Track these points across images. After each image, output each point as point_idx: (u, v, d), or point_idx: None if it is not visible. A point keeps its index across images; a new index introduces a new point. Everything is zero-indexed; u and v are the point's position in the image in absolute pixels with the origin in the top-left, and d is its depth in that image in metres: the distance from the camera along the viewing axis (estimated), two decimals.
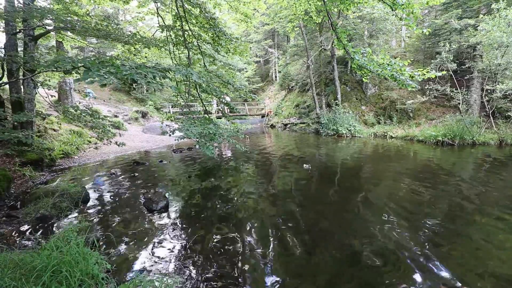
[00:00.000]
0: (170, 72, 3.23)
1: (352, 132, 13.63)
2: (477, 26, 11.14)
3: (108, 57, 3.58)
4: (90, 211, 4.20)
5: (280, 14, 16.20)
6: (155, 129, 13.90)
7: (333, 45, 14.88)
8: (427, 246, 3.07)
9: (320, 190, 5.41)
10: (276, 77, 29.11)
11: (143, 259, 2.86)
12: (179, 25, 6.72)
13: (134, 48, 7.89)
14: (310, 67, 16.88)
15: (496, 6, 10.24)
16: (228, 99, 19.33)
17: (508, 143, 9.83)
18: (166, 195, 4.69)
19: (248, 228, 3.58)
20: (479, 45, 11.26)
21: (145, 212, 4.08)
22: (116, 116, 14.72)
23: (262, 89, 30.13)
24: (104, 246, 3.07)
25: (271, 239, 3.27)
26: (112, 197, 4.84)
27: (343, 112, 14.70)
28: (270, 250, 3.03)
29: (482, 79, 11.84)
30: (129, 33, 7.50)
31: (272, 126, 20.69)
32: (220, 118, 15.39)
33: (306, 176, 6.30)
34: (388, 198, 4.74)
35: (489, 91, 10.95)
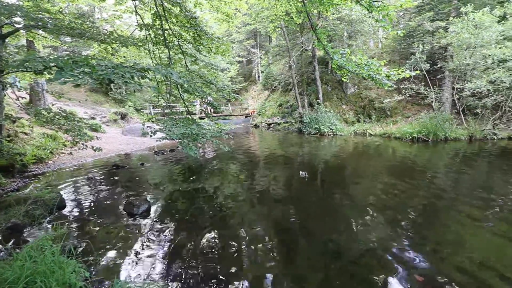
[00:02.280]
0: (149, 72, 3.15)
1: (334, 130, 13.96)
2: (448, 28, 11.78)
3: (83, 57, 3.43)
4: (66, 218, 4.00)
5: (261, 14, 16.27)
6: (136, 131, 13.51)
7: (314, 46, 15.15)
8: (405, 238, 3.22)
9: (304, 188, 5.49)
10: (259, 77, 29.20)
11: (124, 266, 2.77)
12: (158, 24, 6.57)
13: (111, 47, 7.63)
14: (292, 67, 17.09)
15: (465, 9, 10.88)
16: (211, 99, 19.18)
17: (477, 138, 10.48)
18: (148, 198, 4.56)
19: (232, 230, 3.56)
20: (449, 46, 11.90)
21: (126, 217, 3.96)
22: (93, 118, 14.16)
23: (245, 89, 30.12)
24: (82, 254, 2.94)
25: (256, 240, 3.28)
26: (90, 203, 4.65)
27: (325, 111, 15.03)
28: (255, 251, 3.03)
29: (453, 78, 12.53)
30: (106, 31, 7.24)
31: (256, 126, 20.74)
32: (204, 118, 15.24)
33: (290, 175, 6.37)
34: (368, 194, 4.91)
35: (459, 89, 11.61)
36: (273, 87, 23.93)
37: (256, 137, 14.95)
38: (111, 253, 3.00)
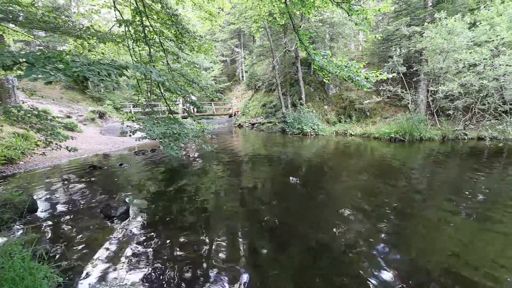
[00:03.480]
0: (127, 69, 3.06)
1: (316, 130, 14.22)
2: (423, 33, 12.33)
3: (56, 52, 3.27)
4: (38, 221, 3.81)
5: (245, 14, 16.27)
6: (115, 130, 13.06)
7: (296, 47, 15.35)
8: (384, 234, 3.36)
9: (286, 187, 5.55)
10: (243, 76, 29.16)
11: (100, 270, 2.68)
12: (138, 20, 6.40)
13: (88, 43, 7.32)
14: (275, 68, 17.22)
15: (438, 15, 11.45)
16: (194, 98, 18.95)
17: (449, 138, 11.08)
18: (127, 200, 4.43)
19: (215, 230, 3.54)
20: (424, 50, 12.48)
21: (103, 219, 3.82)
22: (69, 117, 13.54)
23: (229, 89, 29.98)
24: (55, 259, 2.81)
25: (239, 240, 3.28)
26: (64, 205, 4.45)
27: (307, 111, 15.28)
28: (237, 251, 3.03)
29: (427, 81, 13.15)
30: (82, 26, 6.95)
31: (240, 126, 20.70)
32: (186, 118, 15.01)
33: (273, 175, 6.43)
34: (349, 192, 5.05)
35: (433, 92, 12.21)
36: (257, 87, 23.99)
37: (240, 137, 14.93)
38: (87, 257, 2.89)
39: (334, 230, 3.48)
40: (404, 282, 2.47)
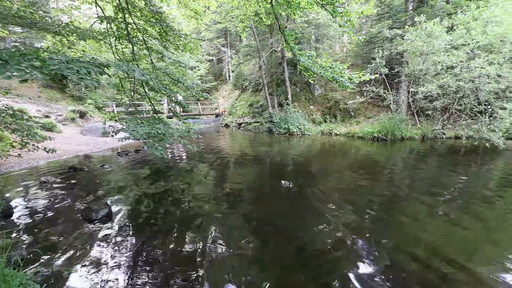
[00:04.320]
0: (109, 67, 2.96)
1: (302, 130, 14.38)
2: (404, 36, 12.75)
3: (32, 49, 3.13)
4: (14, 226, 3.62)
5: (231, 13, 16.20)
6: (96, 131, 12.65)
7: (283, 47, 15.45)
8: (368, 230, 3.45)
9: (273, 186, 5.58)
10: (229, 76, 29.03)
11: (80, 275, 2.58)
12: (121, 17, 6.22)
13: (67, 40, 7.05)
14: (262, 68, 17.27)
15: (418, 19, 11.87)
16: (180, 98, 18.67)
17: (429, 137, 11.54)
18: (108, 202, 4.30)
19: (200, 232, 3.50)
20: (405, 52, 12.90)
21: (84, 223, 3.69)
22: (47, 117, 12.99)
23: (215, 88, 29.76)
24: (32, 265, 2.69)
25: (224, 242, 3.26)
26: (42, 209, 4.25)
27: (294, 111, 15.43)
28: (223, 253, 3.02)
29: (408, 82, 13.61)
30: (61, 22, 6.68)
31: (227, 126, 20.60)
32: (172, 118, 14.76)
33: (260, 175, 6.44)
34: (333, 190, 5.15)
35: (413, 92, 12.65)
36: (243, 86, 23.96)
37: (227, 137, 14.85)
38: (66, 263, 2.78)
39: (320, 227, 3.54)
40: (385, 275, 2.54)
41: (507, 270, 2.65)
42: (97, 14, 6.62)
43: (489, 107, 9.70)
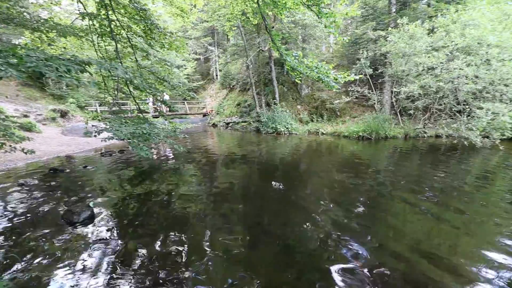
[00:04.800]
0: (90, 65, 2.87)
1: (290, 129, 14.50)
2: (387, 37, 13.09)
3: (9, 46, 3.00)
4: None
5: (218, 12, 16.04)
6: (78, 131, 12.24)
7: (270, 47, 15.50)
8: (353, 227, 3.52)
9: (260, 185, 5.60)
10: (217, 75, 28.81)
11: (60, 280, 2.50)
12: (104, 14, 6.05)
13: (47, 36, 6.79)
14: (249, 67, 17.26)
15: (401, 21, 12.22)
16: (166, 97, 18.36)
17: (411, 136, 11.93)
18: (91, 204, 4.17)
19: (187, 233, 3.46)
20: (388, 53, 13.25)
21: (65, 226, 3.57)
22: (26, 116, 12.46)
23: (203, 88, 29.46)
24: (10, 271, 2.57)
25: (212, 242, 3.24)
26: (20, 213, 4.07)
27: (281, 111, 15.52)
28: (210, 253, 2.99)
29: (391, 82, 13.99)
30: (39, 18, 6.42)
31: (214, 125, 20.46)
32: (157, 117, 14.49)
33: (248, 174, 6.44)
34: (320, 189, 5.22)
35: (396, 93, 13.01)
36: (231, 86, 23.86)
37: (214, 137, 14.76)
38: (45, 267, 2.68)
39: (306, 226, 3.58)
40: (369, 271, 2.61)
41: (484, 261, 2.78)
42: (79, 10, 6.41)
43: (467, 107, 10.11)
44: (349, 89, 14.18)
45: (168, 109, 16.55)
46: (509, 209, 4.13)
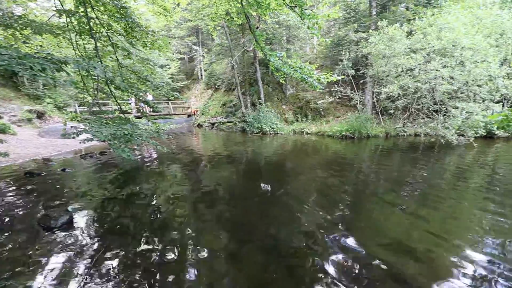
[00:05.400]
0: (67, 64, 2.78)
1: (275, 129, 14.61)
2: (368, 39, 13.47)
3: None
4: None
5: (202, 11, 15.90)
6: (56, 132, 11.75)
7: (254, 47, 15.55)
8: (340, 225, 3.61)
9: (246, 186, 5.61)
10: (201, 75, 28.53)
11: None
12: (82, 11, 5.85)
13: (21, 34, 6.47)
14: (234, 67, 17.22)
15: (381, 24, 12.61)
16: (150, 97, 17.96)
17: (392, 135, 12.34)
18: (69, 208, 4.02)
19: (171, 236, 3.41)
20: (370, 55, 13.64)
21: (42, 232, 3.42)
22: None
23: (187, 88, 29.10)
24: None
25: (197, 244, 3.21)
26: None
27: (267, 111, 15.61)
28: (196, 256, 2.97)
29: (372, 83, 14.41)
30: (13, 14, 6.11)
31: (199, 126, 20.26)
32: (140, 118, 14.16)
33: (234, 174, 6.43)
34: (305, 188, 5.30)
35: (377, 93, 13.42)
36: (216, 86, 23.71)
37: (200, 137, 14.61)
38: (21, 276, 2.56)
39: (293, 226, 3.62)
40: (353, 268, 2.68)
41: (459, 255, 2.93)
42: (56, 7, 6.16)
43: (443, 106, 10.59)
44: (332, 90, 14.48)
45: (151, 109, 16.26)
46: (482, 205, 4.37)
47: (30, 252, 2.96)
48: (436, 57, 10.65)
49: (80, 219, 3.81)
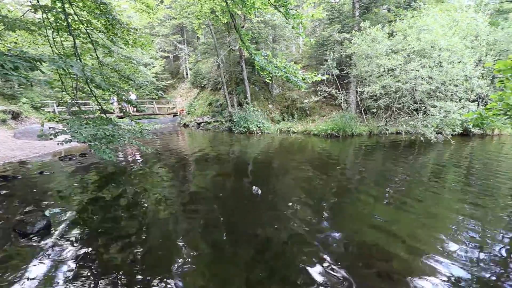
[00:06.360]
0: (42, 62, 2.64)
1: (262, 128, 14.64)
2: (352, 39, 13.76)
3: None
4: None
5: (187, 9, 15.65)
6: (33, 133, 11.21)
7: (240, 46, 15.48)
8: (324, 223, 3.67)
9: (232, 186, 5.58)
10: (187, 74, 28.11)
11: None
12: (60, 7, 5.60)
13: None
14: (220, 66, 17.09)
15: (364, 25, 12.90)
16: (133, 96, 17.49)
17: (375, 133, 12.69)
18: (47, 213, 3.85)
19: (156, 238, 3.34)
20: (353, 55, 13.94)
21: (17, 238, 3.25)
22: None
23: (172, 87, 28.59)
24: None
25: (182, 246, 3.16)
26: None
27: (253, 110, 15.62)
28: (181, 258, 2.92)
29: (356, 82, 14.74)
30: None
31: (185, 125, 19.98)
32: (123, 118, 13.78)
33: (219, 174, 6.38)
34: (291, 186, 5.35)
35: (360, 92, 13.74)
36: (202, 85, 23.44)
37: (185, 137, 14.40)
38: None
39: (280, 224, 3.64)
40: (340, 263, 2.73)
41: (438, 243, 3.05)
42: (30, 2, 5.87)
43: (422, 105, 10.99)
44: (318, 89, 14.69)
45: (134, 109, 15.83)
46: (458, 198, 4.58)
47: (5, 260, 2.81)
48: (415, 58, 11.03)
49: (59, 224, 3.65)
